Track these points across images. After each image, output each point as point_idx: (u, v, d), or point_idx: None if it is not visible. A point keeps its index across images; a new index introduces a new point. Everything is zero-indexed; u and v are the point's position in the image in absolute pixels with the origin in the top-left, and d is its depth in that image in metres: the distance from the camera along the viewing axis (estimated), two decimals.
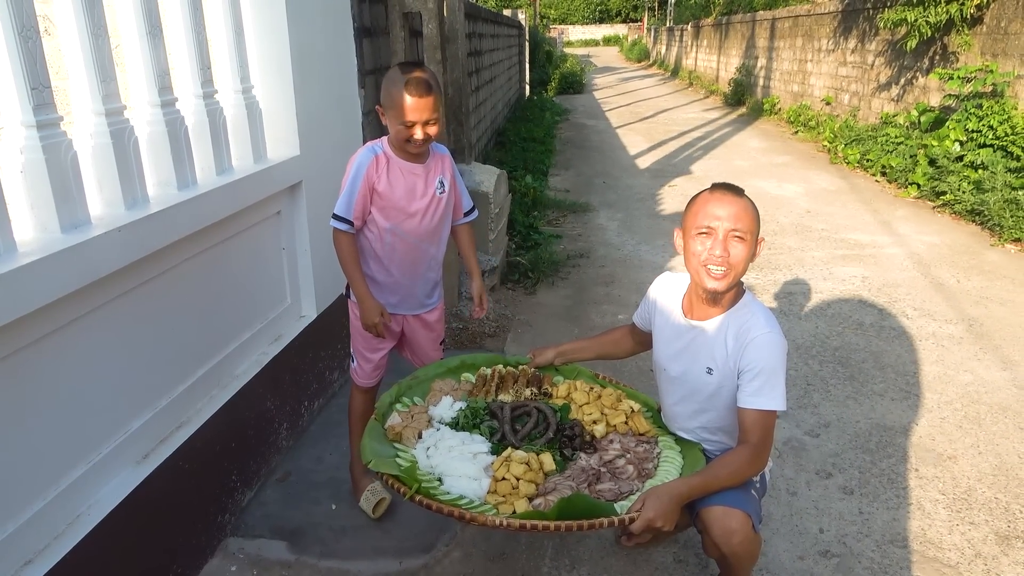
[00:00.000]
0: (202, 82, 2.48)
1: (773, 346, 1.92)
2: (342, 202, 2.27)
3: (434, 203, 2.36)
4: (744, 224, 1.89)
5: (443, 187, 2.38)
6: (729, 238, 1.90)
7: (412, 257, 2.39)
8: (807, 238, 6.03)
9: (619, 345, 2.46)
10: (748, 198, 1.95)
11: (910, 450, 3.03)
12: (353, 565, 2.39)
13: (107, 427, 2.06)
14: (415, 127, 2.18)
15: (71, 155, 1.85)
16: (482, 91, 9.10)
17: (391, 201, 2.28)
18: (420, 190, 2.32)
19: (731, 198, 1.91)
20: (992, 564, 2.39)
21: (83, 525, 1.89)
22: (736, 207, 1.90)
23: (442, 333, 2.66)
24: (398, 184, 2.28)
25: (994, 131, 6.53)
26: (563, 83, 20.81)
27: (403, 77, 2.14)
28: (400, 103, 2.14)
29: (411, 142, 2.21)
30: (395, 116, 2.18)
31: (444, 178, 2.39)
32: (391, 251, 2.36)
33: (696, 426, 2.13)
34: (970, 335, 4.11)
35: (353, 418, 2.62)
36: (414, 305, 2.51)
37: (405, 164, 2.30)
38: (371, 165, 2.25)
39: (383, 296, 2.42)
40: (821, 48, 11.77)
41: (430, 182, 2.35)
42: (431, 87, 2.16)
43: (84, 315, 1.92)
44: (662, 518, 1.78)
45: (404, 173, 2.29)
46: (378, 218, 2.30)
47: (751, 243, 1.92)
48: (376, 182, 2.25)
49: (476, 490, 1.91)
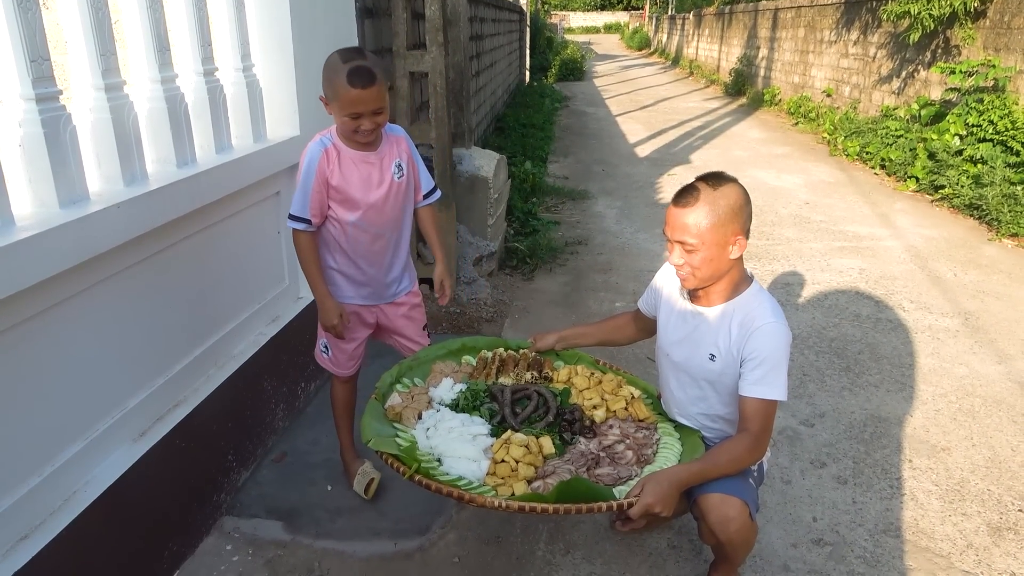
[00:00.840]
0: (202, 59, 2.45)
1: (778, 336, 1.92)
2: (297, 201, 2.18)
3: (393, 189, 2.27)
4: (692, 235, 1.89)
5: (401, 171, 2.30)
6: (682, 248, 1.93)
7: (378, 247, 2.32)
8: (806, 229, 6.03)
9: (622, 331, 2.46)
10: (709, 200, 1.89)
11: (904, 441, 3.04)
12: (348, 546, 2.40)
13: (104, 404, 2.05)
14: (361, 119, 2.08)
15: (70, 130, 1.83)
16: (482, 76, 9.05)
17: (347, 194, 2.20)
18: (376, 179, 2.24)
19: (681, 208, 1.91)
20: (983, 555, 2.41)
21: (79, 501, 1.89)
22: (684, 219, 1.90)
23: (423, 319, 2.60)
24: (352, 176, 2.20)
25: (994, 126, 6.52)
26: (563, 70, 20.72)
27: (345, 67, 2.01)
28: (344, 95, 2.03)
29: (359, 133, 2.12)
30: (339, 108, 2.07)
31: (401, 161, 2.30)
32: (355, 244, 2.29)
33: (696, 412, 2.14)
34: (966, 328, 4.12)
35: (337, 409, 2.60)
36: (385, 295, 2.44)
37: (357, 154, 2.20)
38: (321, 160, 2.15)
39: (353, 289, 2.37)
40: (823, 39, 11.73)
41: (386, 169, 2.26)
42: (375, 76, 2.04)
43: (82, 291, 1.91)
44: (661, 503, 1.79)
45: (357, 163, 2.20)
46: (338, 212, 2.22)
47: (708, 249, 1.90)
48: (329, 176, 2.17)
49: (475, 472, 1.91)
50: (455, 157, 4.57)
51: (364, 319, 2.44)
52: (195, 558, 2.33)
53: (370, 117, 2.09)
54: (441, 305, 2.69)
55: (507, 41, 13.19)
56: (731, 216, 1.89)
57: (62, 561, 1.79)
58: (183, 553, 2.31)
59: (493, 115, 10.36)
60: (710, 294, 2.02)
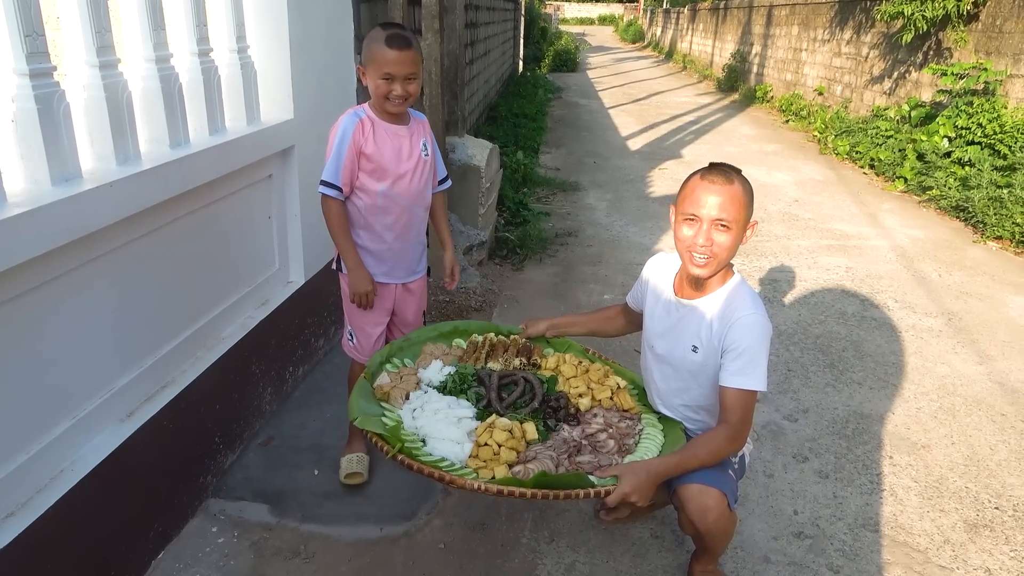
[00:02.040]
0: (198, 39, 2.44)
1: (757, 327, 1.94)
2: (330, 168, 2.24)
3: (421, 164, 2.36)
4: (730, 213, 1.88)
5: (427, 150, 2.39)
6: (714, 227, 1.90)
7: (405, 221, 2.38)
8: (794, 227, 6.07)
9: (611, 323, 2.48)
10: (741, 182, 1.93)
11: (885, 438, 3.08)
12: (334, 530, 2.41)
13: (92, 384, 2.05)
14: (395, 82, 2.17)
15: (63, 106, 1.82)
16: (476, 64, 9.02)
17: (380, 163, 2.27)
18: (407, 151, 2.32)
19: (719, 186, 1.89)
20: (960, 550, 2.45)
21: (66, 480, 1.89)
22: (724, 196, 1.88)
23: (425, 302, 2.66)
24: (385, 146, 2.27)
25: (983, 129, 6.59)
26: (557, 61, 20.67)
27: (383, 33, 2.15)
28: (380, 56, 2.14)
29: (390, 99, 2.20)
30: (375, 70, 2.17)
31: (427, 141, 2.40)
32: (384, 215, 2.34)
33: (679, 404, 2.16)
34: (949, 328, 4.17)
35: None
36: (405, 272, 2.49)
37: (390, 126, 2.28)
38: (356, 129, 2.23)
39: (376, 266, 2.41)
40: (816, 38, 11.76)
41: (415, 144, 2.34)
42: (411, 42, 2.16)
43: (72, 270, 1.90)
44: (638, 493, 1.81)
45: (390, 135, 2.28)
46: (369, 182, 2.29)
47: (738, 231, 1.91)
48: (364, 145, 2.24)
49: (458, 454, 1.94)
50: (448, 145, 4.56)
51: (384, 301, 2.48)
52: (180, 539, 2.34)
53: (402, 82, 2.17)
54: (449, 290, 2.77)
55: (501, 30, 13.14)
56: (752, 200, 1.94)
57: (48, 539, 1.79)
58: (168, 534, 2.32)
59: (486, 104, 10.32)
60: (703, 285, 2.03)
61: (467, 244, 4.59)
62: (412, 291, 2.56)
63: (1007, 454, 2.99)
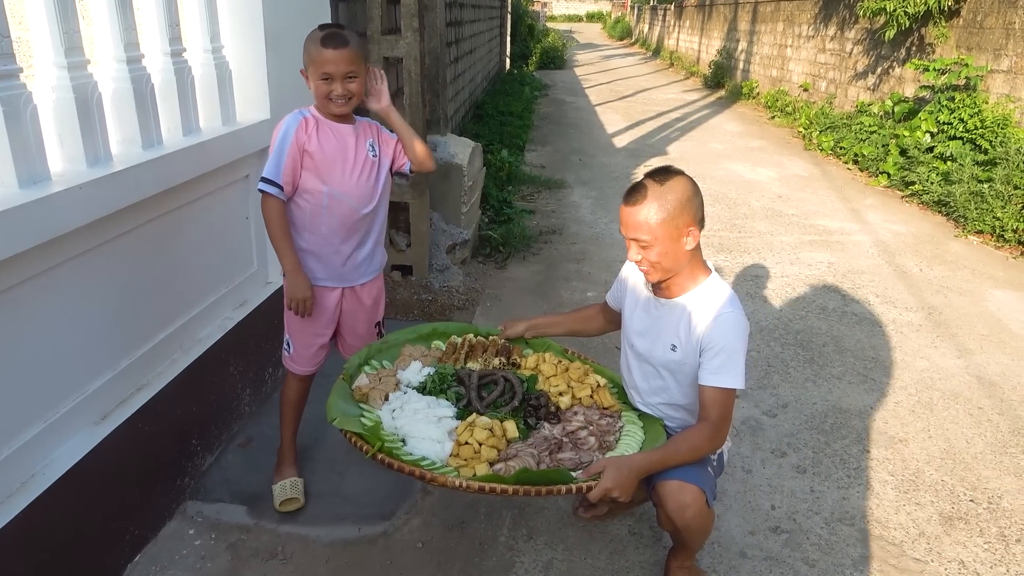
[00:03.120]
0: (170, 39, 2.43)
1: (734, 326, 1.96)
2: (271, 165, 2.17)
3: (367, 164, 2.30)
4: (645, 231, 1.92)
5: (374, 151, 2.33)
6: (636, 245, 1.97)
7: (351, 221, 2.30)
8: (777, 223, 6.10)
9: (591, 322, 2.48)
10: (655, 196, 1.91)
11: (863, 432, 3.11)
12: (312, 531, 2.41)
13: (65, 387, 2.04)
14: (334, 82, 2.13)
15: (30, 108, 1.81)
16: (461, 62, 9.01)
17: (323, 161, 2.21)
18: (352, 149, 2.27)
19: (631, 208, 1.94)
20: (934, 543, 2.48)
21: (37, 484, 1.88)
22: (636, 217, 1.93)
23: (380, 314, 2.56)
24: (328, 144, 2.22)
25: (964, 124, 6.63)
26: (544, 58, 20.66)
27: (320, 33, 2.12)
28: (318, 57, 2.11)
29: (332, 100, 2.15)
30: (314, 72, 2.13)
31: (374, 142, 2.34)
32: (330, 217, 2.26)
33: (659, 402, 2.17)
34: (929, 323, 4.21)
35: (285, 406, 2.54)
36: (354, 274, 2.40)
37: (334, 125, 2.24)
38: (299, 127, 2.18)
39: (321, 269, 2.33)
40: (801, 34, 11.81)
41: (360, 144, 2.29)
42: (348, 41, 2.12)
43: (42, 272, 1.89)
44: (619, 488, 1.82)
45: (334, 133, 2.24)
46: (313, 182, 2.22)
47: (664, 244, 1.93)
48: (306, 142, 2.18)
49: (439, 452, 1.94)
50: (430, 144, 4.55)
51: (327, 310, 2.39)
52: (157, 542, 2.33)
53: (342, 82, 2.13)
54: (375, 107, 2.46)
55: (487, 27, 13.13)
56: (680, 209, 1.92)
57: (19, 543, 1.78)
58: (145, 537, 2.31)
59: (472, 102, 10.31)
60: (671, 286, 2.05)
61: (450, 243, 4.58)
62: (362, 299, 2.46)
63: (983, 447, 3.02)
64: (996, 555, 2.43)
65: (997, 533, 2.53)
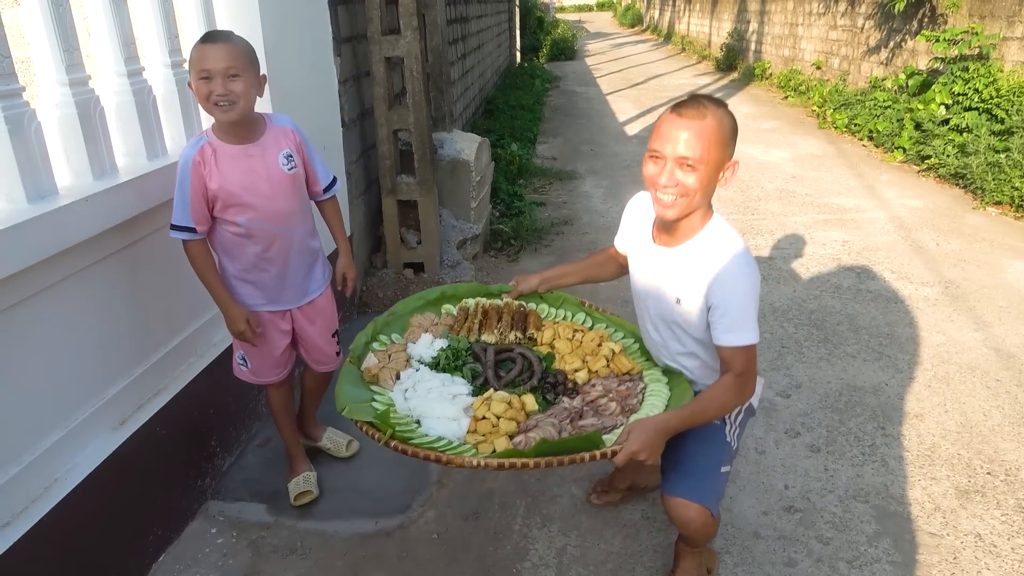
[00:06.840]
0: (170, 51, 2.48)
1: (742, 278, 1.82)
2: (177, 210, 2.06)
3: (283, 183, 2.15)
4: (697, 152, 1.72)
5: (291, 161, 2.17)
6: (678, 166, 1.76)
7: (279, 245, 2.20)
8: (791, 203, 6.05)
9: (603, 268, 2.37)
10: (717, 116, 1.75)
11: (878, 409, 3.09)
12: (330, 525, 2.46)
13: (82, 394, 2.10)
14: (214, 80, 1.94)
15: (35, 126, 1.87)
16: (468, 59, 9.02)
17: (231, 195, 2.06)
18: (261, 172, 2.11)
19: (688, 121, 1.73)
20: (950, 517, 2.46)
21: (60, 489, 1.94)
22: (691, 131, 1.72)
23: (334, 323, 2.49)
24: (232, 174, 2.06)
25: (979, 94, 6.52)
26: (554, 50, 20.57)
27: (201, 36, 2.01)
28: (195, 57, 1.96)
29: (214, 103, 1.97)
30: (194, 75, 1.97)
31: (291, 151, 2.18)
32: (254, 244, 2.17)
33: (675, 352, 2.05)
34: (945, 297, 4.16)
35: (275, 414, 2.55)
36: (296, 295, 2.33)
37: (235, 148, 2.08)
38: (196, 162, 2.03)
39: (259, 295, 2.27)
40: (812, 11, 11.65)
41: (271, 161, 2.13)
42: (228, 37, 1.99)
43: (56, 284, 1.95)
44: (646, 451, 1.72)
45: (236, 159, 2.07)
46: (229, 215, 2.10)
47: (708, 171, 1.76)
48: (207, 179, 2.04)
49: (455, 430, 1.85)
50: (436, 141, 4.58)
51: (279, 326, 2.34)
52: (180, 542, 2.39)
53: (223, 79, 1.95)
54: (346, 296, 2.58)
55: (495, 23, 13.11)
56: (731, 137, 1.77)
57: (44, 548, 1.85)
58: (168, 537, 2.37)
59: (482, 98, 10.32)
60: (680, 228, 1.89)
61: (460, 238, 4.62)
62: (312, 318, 2.40)
63: (1000, 419, 2.99)
64: (1014, 527, 2.42)
65: (1015, 504, 2.52)
